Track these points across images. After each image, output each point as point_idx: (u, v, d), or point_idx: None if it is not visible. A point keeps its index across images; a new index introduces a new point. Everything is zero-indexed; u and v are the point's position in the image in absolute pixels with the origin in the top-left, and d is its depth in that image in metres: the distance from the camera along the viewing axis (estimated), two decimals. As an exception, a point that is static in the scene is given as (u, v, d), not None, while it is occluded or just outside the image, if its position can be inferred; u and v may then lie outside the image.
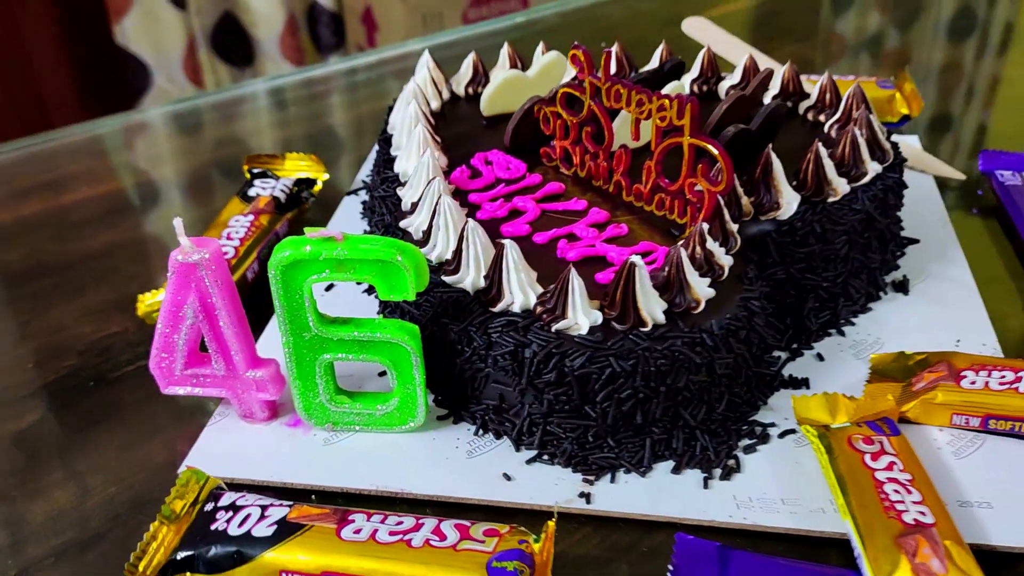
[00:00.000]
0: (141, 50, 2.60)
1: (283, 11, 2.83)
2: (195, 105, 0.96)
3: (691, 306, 0.48)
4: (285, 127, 0.92)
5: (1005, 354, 0.55)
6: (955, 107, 0.86)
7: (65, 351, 0.61)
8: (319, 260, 0.46)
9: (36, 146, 0.87)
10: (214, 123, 0.93)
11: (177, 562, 0.43)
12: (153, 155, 0.87)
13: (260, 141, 0.89)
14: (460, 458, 0.50)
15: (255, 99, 0.99)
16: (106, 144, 0.88)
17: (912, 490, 0.44)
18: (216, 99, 0.97)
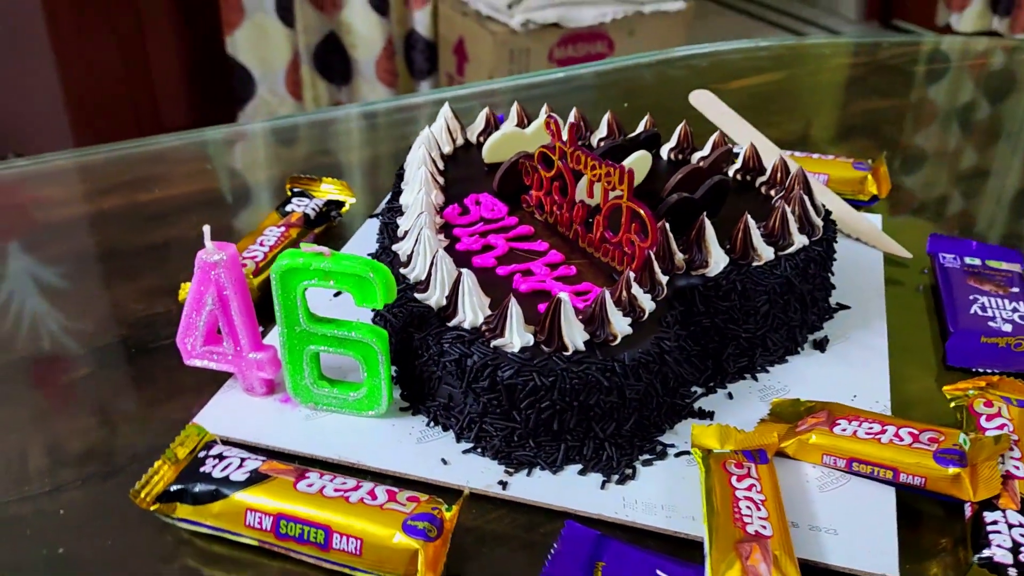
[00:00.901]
0: (248, 61, 2.82)
1: (383, 36, 3.01)
2: (292, 122, 1.10)
3: (609, 339, 0.59)
4: (355, 150, 1.05)
5: (892, 413, 0.64)
6: (934, 191, 0.94)
7: (118, 323, 0.74)
8: (309, 269, 0.58)
9: (136, 148, 1.02)
10: (300, 140, 1.07)
11: (170, 493, 0.55)
12: (231, 165, 1.01)
13: (336, 159, 1.02)
14: (411, 443, 0.61)
15: (347, 120, 1.12)
16: (193, 152, 1.03)
17: (762, 508, 0.53)
18: (312, 118, 1.11)
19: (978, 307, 0.72)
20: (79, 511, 0.57)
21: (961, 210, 0.93)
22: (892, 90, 1.15)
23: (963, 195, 0.95)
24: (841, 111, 1.10)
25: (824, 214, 0.71)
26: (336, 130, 1.12)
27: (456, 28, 2.94)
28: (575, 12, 2.84)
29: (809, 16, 3.88)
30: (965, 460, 0.56)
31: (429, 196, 0.69)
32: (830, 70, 1.20)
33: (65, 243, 0.85)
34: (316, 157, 1.04)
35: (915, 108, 1.14)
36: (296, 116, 1.13)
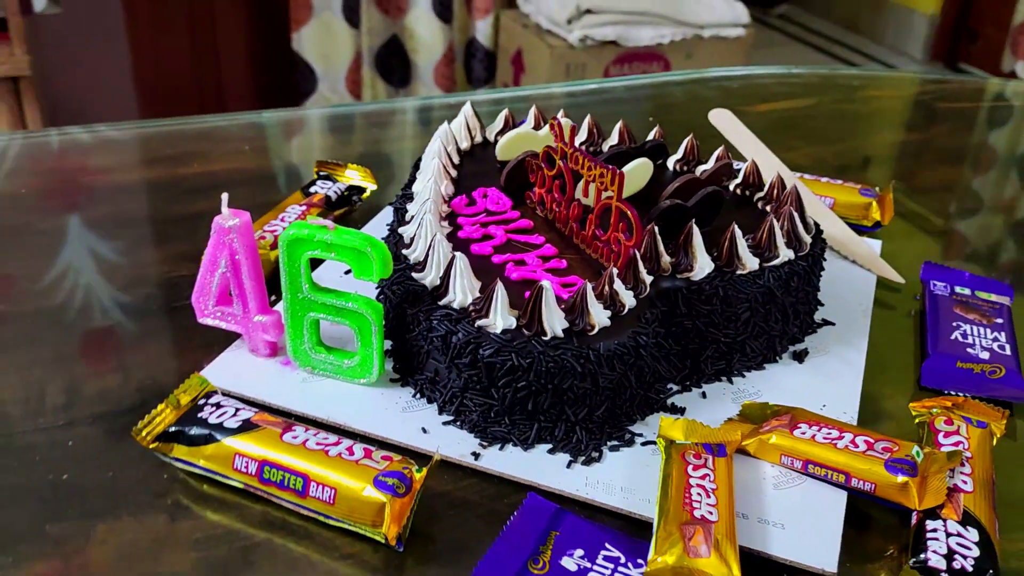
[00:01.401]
0: (312, 58, 2.90)
1: (444, 42, 3.08)
2: (346, 111, 1.16)
3: (587, 328, 0.62)
4: (401, 142, 1.10)
5: (857, 425, 0.66)
6: (943, 223, 0.96)
7: (145, 282, 0.80)
8: (313, 240, 0.62)
9: (184, 125, 1.08)
10: (347, 128, 1.12)
11: (168, 434, 0.60)
12: (272, 147, 1.07)
13: (378, 149, 1.07)
14: (396, 411, 0.65)
15: (402, 113, 1.17)
16: (236, 132, 1.08)
17: (712, 496, 0.56)
18: (367, 108, 1.16)
19: (959, 333, 0.75)
20: (86, 444, 0.62)
21: (966, 242, 0.95)
22: (916, 124, 1.16)
23: (973, 229, 0.97)
24: (862, 141, 1.12)
25: (814, 232, 0.74)
26: (387, 122, 1.17)
27: (515, 39, 3.00)
28: (634, 31, 2.87)
29: (874, 53, 3.87)
30: (916, 471, 0.58)
31: (438, 185, 0.74)
32: (859, 100, 1.23)
33: (107, 207, 0.92)
34: (357, 146, 1.09)
35: (937, 143, 1.15)
36: (352, 105, 1.19)
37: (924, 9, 3.72)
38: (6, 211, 0.90)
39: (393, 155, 1.08)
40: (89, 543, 0.56)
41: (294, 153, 1.08)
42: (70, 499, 0.58)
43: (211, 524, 0.58)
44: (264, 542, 0.57)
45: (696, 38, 2.95)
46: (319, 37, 2.86)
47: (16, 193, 0.93)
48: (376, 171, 0.92)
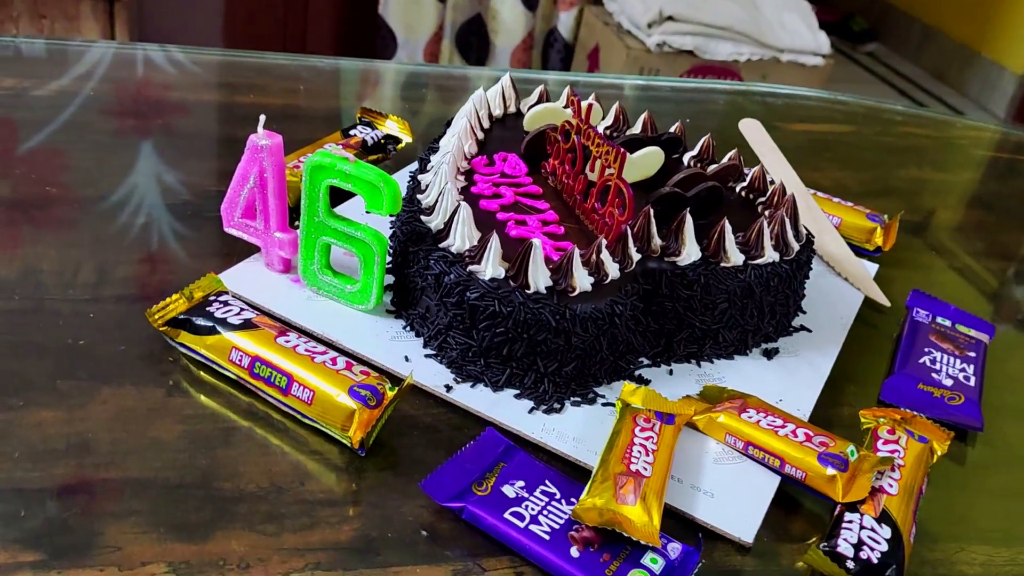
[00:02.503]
0: (396, 25, 2.97)
1: (525, 28, 3.14)
2: (417, 70, 1.22)
3: (568, 289, 0.67)
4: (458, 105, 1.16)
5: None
6: (938, 262, 0.99)
7: (186, 191, 0.86)
8: (334, 169, 0.68)
9: (247, 59, 1.15)
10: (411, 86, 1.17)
11: (177, 320, 0.66)
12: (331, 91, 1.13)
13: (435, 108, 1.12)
14: (386, 339, 0.71)
15: (475, 80, 1.23)
16: (295, 72, 1.15)
17: (650, 455, 0.61)
18: (440, 70, 1.22)
19: (928, 359, 0.78)
20: (106, 318, 0.69)
21: (964, 283, 0.98)
22: (947, 165, 1.19)
23: (975, 272, 1.00)
24: (887, 172, 1.15)
25: (804, 241, 0.78)
26: (448, 86, 1.23)
27: (595, 35, 3.04)
28: (712, 44, 2.90)
29: (957, 104, 3.82)
30: (846, 467, 0.62)
31: (462, 142, 0.79)
32: (896, 135, 1.25)
33: (164, 120, 0.99)
34: (409, 103, 1.15)
35: (963, 187, 1.18)
36: (418, 65, 1.25)
37: (1015, 68, 3.67)
38: (77, 109, 0.97)
39: (443, 116, 1.14)
40: (91, 401, 0.62)
41: (346, 99, 1.15)
42: (82, 361, 0.65)
43: (201, 404, 0.64)
44: (245, 429, 0.63)
45: (774, 60, 2.96)
46: (405, 6, 2.93)
47: (88, 94, 1.00)
48: (419, 128, 0.98)
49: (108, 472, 0.58)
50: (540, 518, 0.57)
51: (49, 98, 0.98)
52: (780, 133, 1.18)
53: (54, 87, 1.01)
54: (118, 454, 0.59)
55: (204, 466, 0.59)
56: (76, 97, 0.99)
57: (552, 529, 0.57)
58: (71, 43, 1.13)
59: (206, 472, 0.59)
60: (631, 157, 0.80)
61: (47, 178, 0.84)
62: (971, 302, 0.94)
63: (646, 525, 0.57)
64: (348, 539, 0.56)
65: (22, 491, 0.56)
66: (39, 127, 0.92)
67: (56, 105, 0.97)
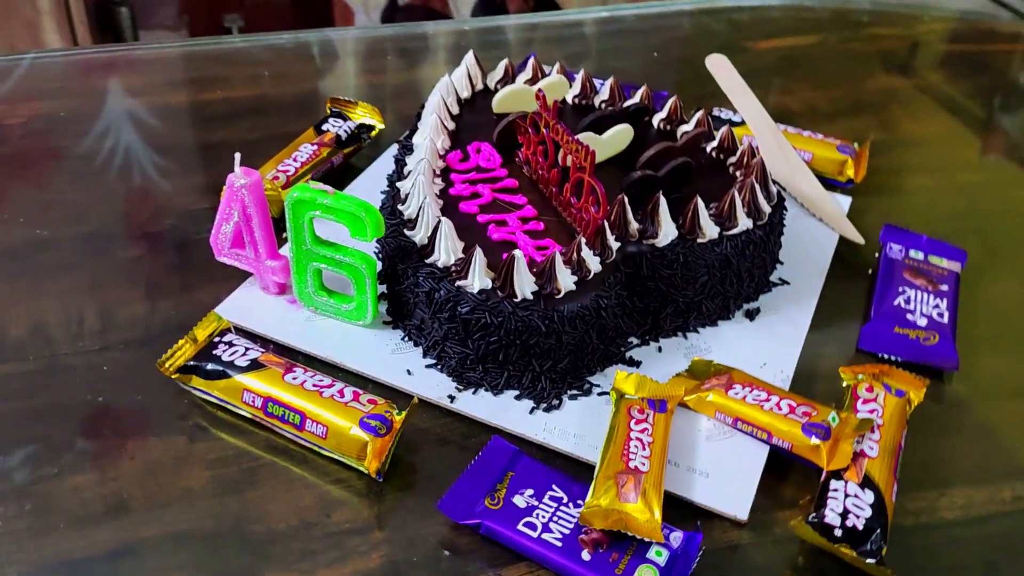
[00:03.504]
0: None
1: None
2: (377, 34, 1.20)
3: (554, 292, 0.70)
4: (427, 69, 1.15)
5: (793, 385, 0.74)
6: (910, 183, 1.02)
7: (169, 214, 0.88)
8: (315, 203, 0.70)
9: (210, 46, 1.14)
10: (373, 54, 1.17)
11: (188, 367, 0.70)
12: (293, 72, 1.13)
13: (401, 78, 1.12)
14: (386, 353, 0.74)
15: (435, 38, 1.22)
16: (258, 56, 1.15)
17: (647, 449, 0.66)
18: (399, 32, 1.21)
19: (902, 299, 0.82)
20: (119, 369, 0.73)
21: (935, 202, 1.00)
22: (915, 68, 1.19)
23: (947, 189, 1.02)
24: (857, 86, 1.16)
25: (776, 201, 0.81)
26: (411, 48, 1.22)
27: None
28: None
29: None
30: (828, 435, 0.67)
31: (434, 143, 0.81)
32: (864, 39, 1.25)
33: (135, 134, 0.99)
34: (376, 76, 1.14)
35: (931, 90, 1.19)
36: (375, 28, 1.23)
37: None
38: (45, 134, 0.98)
39: (412, 85, 1.14)
40: (120, 458, 0.66)
41: (311, 79, 1.14)
42: (104, 417, 0.69)
43: (223, 446, 0.68)
44: (268, 464, 0.67)
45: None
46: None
47: (54, 115, 1.00)
48: (391, 102, 0.98)
49: (148, 530, 0.62)
50: (551, 525, 0.62)
51: (17, 125, 0.99)
52: (748, 55, 1.19)
53: (17, 111, 1.01)
54: (154, 509, 0.63)
55: (236, 511, 0.64)
56: (41, 120, 1.00)
57: (563, 535, 0.62)
58: (14, 56, 1.12)
59: (238, 516, 0.63)
60: (601, 138, 0.81)
61: (35, 219, 0.86)
62: (950, 224, 0.96)
63: (648, 521, 0.61)
64: (378, 566, 0.61)
65: (72, 562, 0.60)
66: (11, 161, 0.93)
67: (27, 131, 0.97)
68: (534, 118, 0.79)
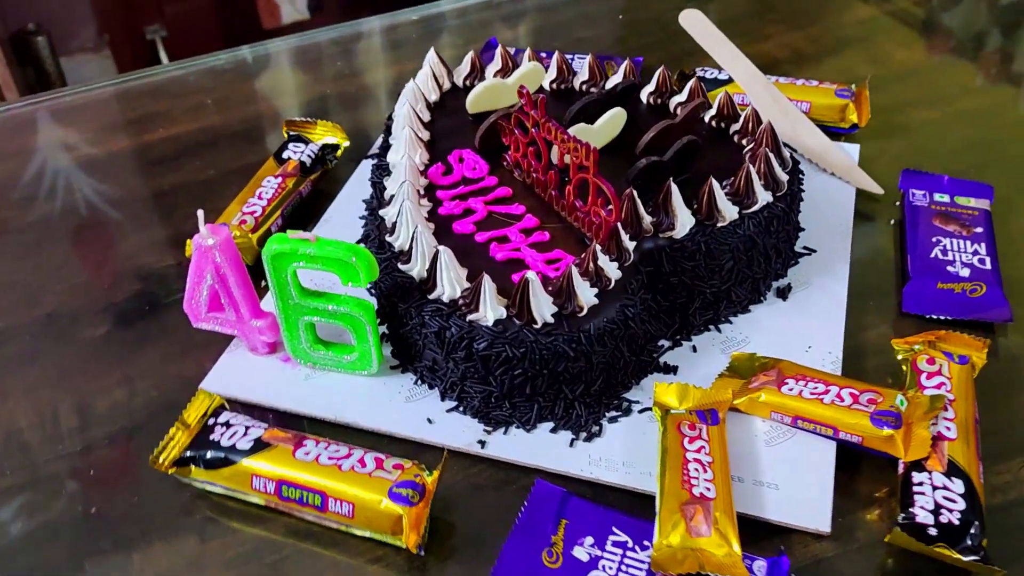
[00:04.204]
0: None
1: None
2: (311, 41, 1.11)
3: (576, 310, 0.64)
4: (376, 71, 1.06)
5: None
6: (915, 119, 0.95)
7: (133, 278, 0.80)
8: (297, 254, 0.63)
9: (142, 80, 1.05)
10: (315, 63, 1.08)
11: (185, 458, 0.62)
12: (235, 96, 1.04)
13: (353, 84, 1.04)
14: (400, 401, 0.67)
15: (370, 36, 1.13)
16: (196, 83, 1.05)
17: (708, 470, 0.59)
18: (333, 35, 1.12)
19: (939, 250, 0.76)
20: (108, 470, 0.65)
21: (944, 135, 0.94)
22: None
23: (953, 120, 0.96)
24: (835, 19, 1.09)
25: (791, 167, 0.74)
26: (353, 49, 1.13)
27: None
28: None
29: None
30: (900, 422, 0.61)
31: (412, 160, 0.73)
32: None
33: (80, 192, 0.90)
34: (324, 84, 1.05)
35: (910, 15, 1.12)
36: (312, 33, 1.14)
37: None
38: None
39: (366, 89, 1.06)
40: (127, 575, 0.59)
41: (258, 100, 1.06)
42: (102, 531, 0.61)
43: (240, 540, 0.61)
44: (292, 553, 0.60)
45: None
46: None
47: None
48: (349, 112, 0.90)
49: (175, 654, 0.55)
50: (621, 576, 0.56)
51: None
52: (718, 4, 1.11)
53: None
54: (177, 629, 0.56)
55: (268, 615, 0.57)
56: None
57: (637, 586, 0.56)
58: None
59: (272, 621, 0.57)
60: (594, 129, 0.74)
61: (-16, 307, 0.78)
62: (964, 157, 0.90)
63: (728, 555, 0.55)
64: (438, 654, 0.55)
65: None
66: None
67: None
68: (519, 117, 0.71)
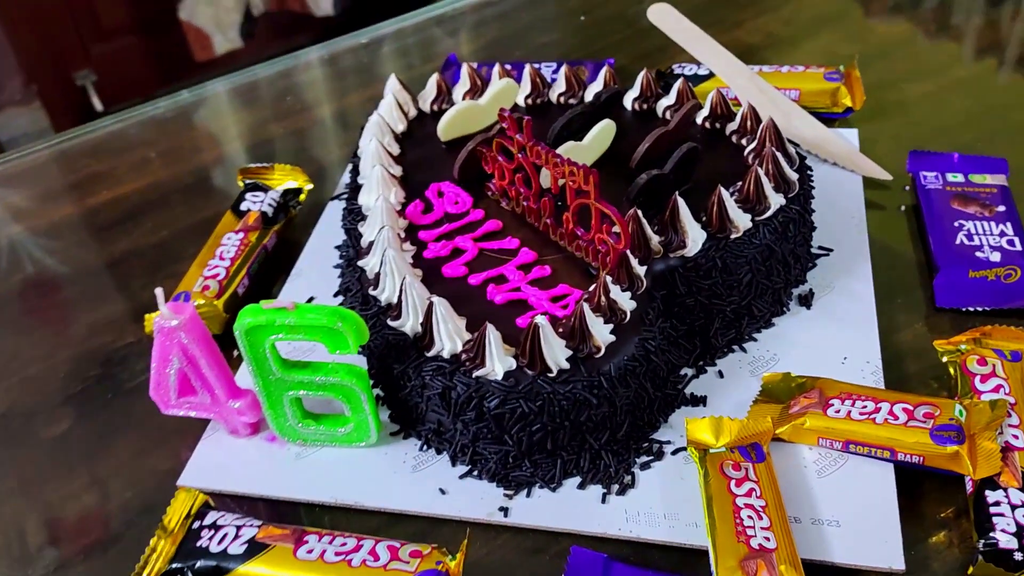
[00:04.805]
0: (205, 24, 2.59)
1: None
2: (250, 78, 1.04)
3: (592, 352, 0.57)
4: (321, 106, 0.99)
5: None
6: (909, 95, 0.90)
7: (90, 362, 0.72)
8: (275, 326, 0.55)
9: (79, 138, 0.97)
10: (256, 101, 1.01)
11: (171, 571, 0.55)
12: (181, 145, 0.96)
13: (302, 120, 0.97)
14: (406, 472, 0.60)
15: (308, 69, 1.05)
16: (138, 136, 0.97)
17: (764, 516, 0.53)
18: (271, 70, 1.05)
19: (963, 235, 0.70)
20: (86, 593, 0.57)
21: (942, 107, 0.89)
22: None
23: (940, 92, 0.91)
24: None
25: (799, 164, 0.68)
26: (296, 83, 1.06)
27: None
28: None
29: None
30: (963, 435, 0.55)
31: (388, 202, 0.66)
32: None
33: (20, 270, 0.82)
34: (271, 125, 0.98)
35: None
36: (250, 70, 1.06)
37: None
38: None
39: (319, 123, 0.98)
40: None
41: (205, 148, 0.98)
42: (87, 667, 0.54)
43: (246, 657, 0.53)
44: (307, 664, 0.53)
45: None
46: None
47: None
48: (304, 149, 0.83)
49: None
50: (685, 651, 0.50)
51: None
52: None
53: None
54: None
55: None
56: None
57: (704, 661, 0.49)
58: None
59: None
60: (584, 145, 0.68)
61: (-71, 413, 0.69)
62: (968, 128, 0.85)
63: (802, 614, 0.49)
64: None
65: None
66: None
67: None
68: (502, 142, 0.65)
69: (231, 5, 2.67)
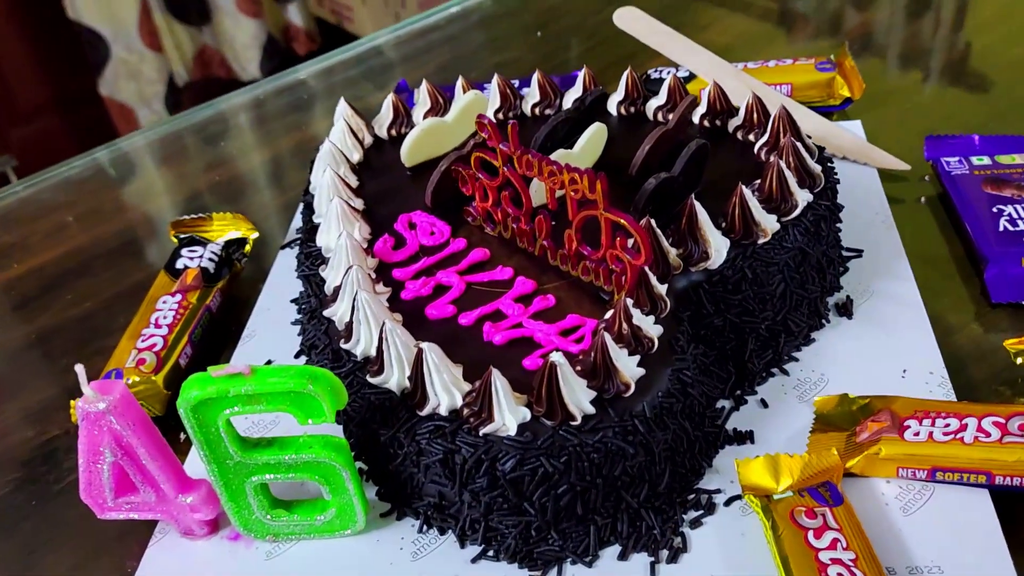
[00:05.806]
0: (95, 22, 2.51)
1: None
2: (171, 129, 0.94)
3: (621, 390, 0.47)
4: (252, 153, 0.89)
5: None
6: (908, 82, 0.83)
7: (10, 463, 0.60)
8: (228, 397, 0.45)
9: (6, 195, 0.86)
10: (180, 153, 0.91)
11: None
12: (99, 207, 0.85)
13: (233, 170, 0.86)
14: (405, 561, 0.49)
15: (234, 114, 0.95)
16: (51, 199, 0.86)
17: (856, 571, 0.43)
18: (192, 119, 0.95)
19: (1005, 221, 0.62)
20: None
21: (944, 90, 0.82)
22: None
23: (937, 73, 0.84)
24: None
25: (818, 155, 0.60)
26: (222, 131, 0.95)
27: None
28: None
29: None
30: (1069, 446, 0.46)
31: (352, 239, 0.55)
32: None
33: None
34: (204, 176, 0.87)
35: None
36: (173, 121, 0.96)
37: None
38: None
39: (254, 169, 0.88)
40: None
41: (128, 207, 0.86)
42: None
43: None
44: None
45: None
46: (97, 0, 2.50)
47: None
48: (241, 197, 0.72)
49: None
50: None
51: None
52: (639, 1, 0.98)
53: None
54: None
55: None
56: None
57: None
58: None
59: None
60: (575, 152, 0.59)
61: None
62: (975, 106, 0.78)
63: None
64: None
65: None
66: None
67: None
68: (481, 157, 0.55)
69: (154, 76, 2.57)
